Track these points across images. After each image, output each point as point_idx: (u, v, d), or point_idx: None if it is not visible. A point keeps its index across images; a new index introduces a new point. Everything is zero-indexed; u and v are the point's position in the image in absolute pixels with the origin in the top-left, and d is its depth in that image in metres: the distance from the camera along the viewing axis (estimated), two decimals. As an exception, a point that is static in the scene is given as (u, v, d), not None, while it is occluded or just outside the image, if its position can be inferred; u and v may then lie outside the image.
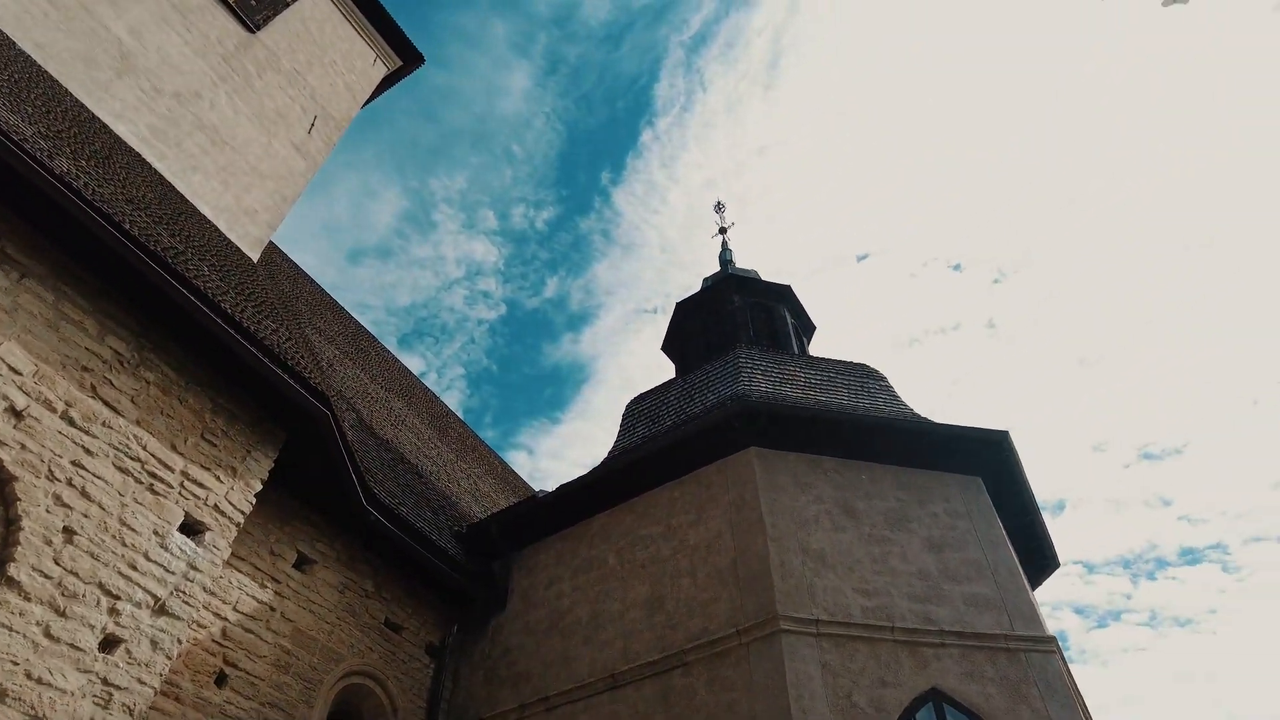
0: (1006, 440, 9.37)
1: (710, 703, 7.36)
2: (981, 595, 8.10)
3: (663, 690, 7.75)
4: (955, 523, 8.73)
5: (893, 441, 9.22)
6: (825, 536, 8.33)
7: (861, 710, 6.98)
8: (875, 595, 7.89)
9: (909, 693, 7.22)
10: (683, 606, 8.28)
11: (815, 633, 7.40)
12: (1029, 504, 10.20)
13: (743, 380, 10.61)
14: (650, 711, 7.69)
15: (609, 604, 8.89)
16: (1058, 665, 7.83)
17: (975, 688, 7.36)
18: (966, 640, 7.66)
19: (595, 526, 9.80)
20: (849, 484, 8.89)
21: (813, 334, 15.12)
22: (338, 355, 13.05)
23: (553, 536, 10.13)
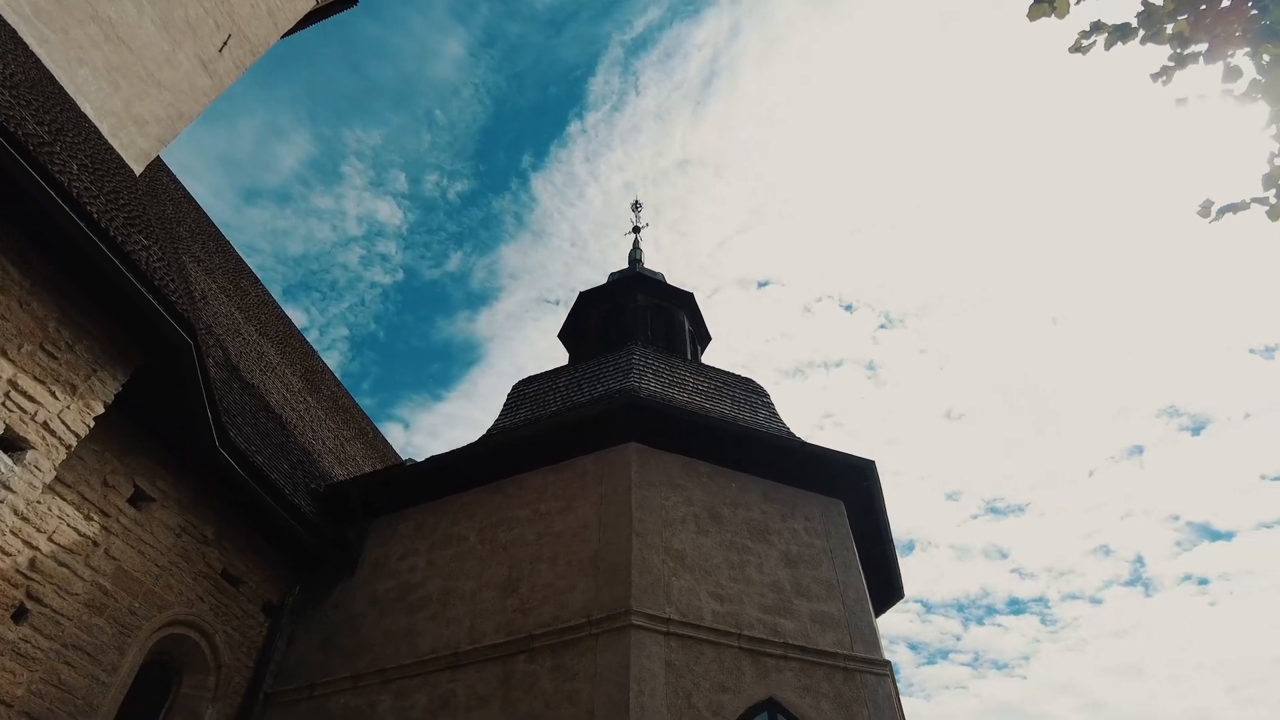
0: (872, 469, 9.75)
1: (550, 690, 7.29)
2: (828, 614, 8.38)
3: (505, 674, 7.63)
4: (814, 541, 9.01)
5: (766, 455, 9.43)
6: (689, 539, 8.42)
7: (699, 712, 7.06)
8: (728, 601, 8.03)
9: (746, 700, 7.37)
10: (538, 592, 8.18)
11: (665, 631, 7.46)
12: (884, 534, 10.65)
13: (634, 377, 10.62)
14: (489, 694, 7.55)
15: (463, 582, 8.69)
16: (889, 689, 8.17)
17: (809, 702, 7.58)
18: (808, 655, 7.89)
19: (461, 503, 9.57)
20: (719, 490, 9.03)
21: (707, 344, 15.35)
22: (214, 290, 12.27)
23: (415, 508, 9.82)
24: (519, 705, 7.31)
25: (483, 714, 7.40)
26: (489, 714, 7.38)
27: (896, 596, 11.61)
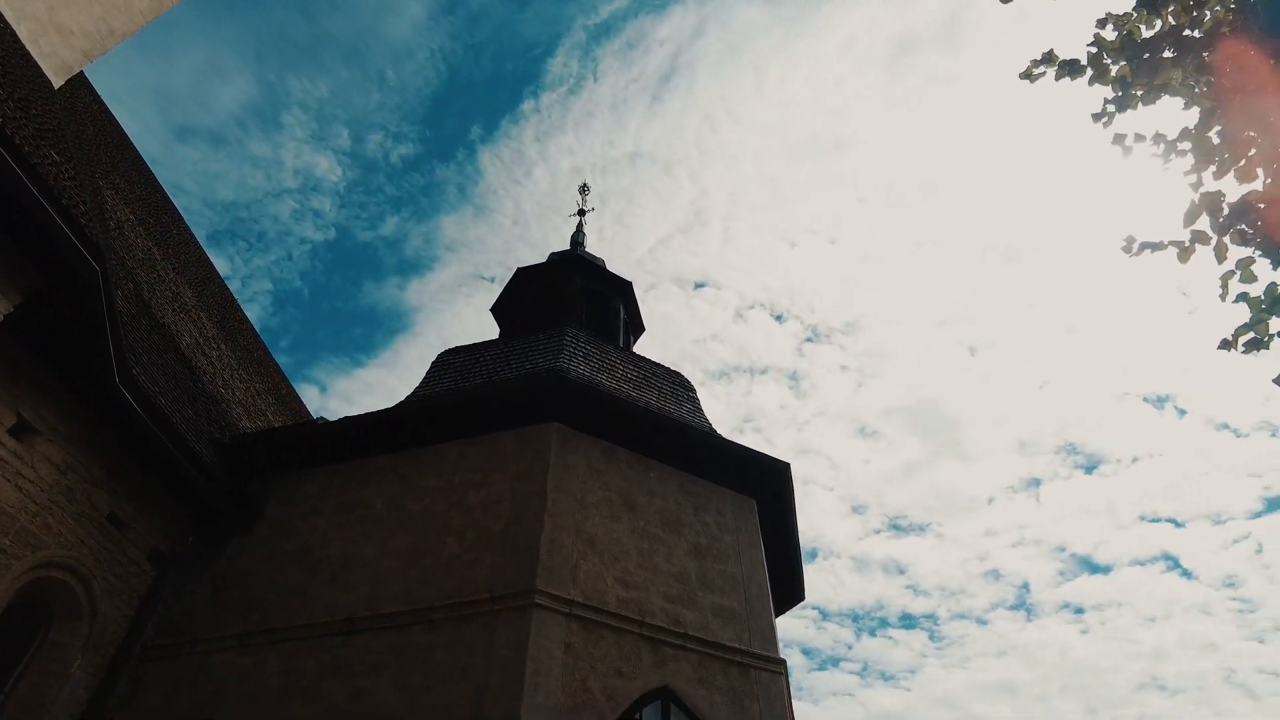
0: (787, 472, 9.92)
1: (446, 663, 7.17)
2: (730, 609, 8.48)
3: (400, 643, 7.46)
4: (723, 536, 9.11)
5: (687, 448, 9.48)
6: (602, 523, 8.40)
7: (593, 696, 7.06)
8: (634, 588, 8.04)
9: (641, 687, 7.40)
10: (442, 564, 8.03)
11: (568, 613, 7.42)
12: (791, 537, 10.86)
13: (564, 358, 10.53)
14: (381, 662, 7.38)
15: (365, 548, 8.46)
16: (781, 687, 8.33)
17: (703, 693, 7.67)
18: (707, 647, 7.97)
19: (372, 467, 9.32)
20: (637, 478, 9.04)
21: (640, 335, 15.36)
22: (131, 221, 11.62)
23: (323, 468, 9.52)
24: (412, 676, 7.17)
25: (373, 682, 7.23)
26: (379, 682, 7.21)
27: (797, 599, 11.84)
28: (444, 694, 6.93)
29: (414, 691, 7.04)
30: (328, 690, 7.28)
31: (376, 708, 7.02)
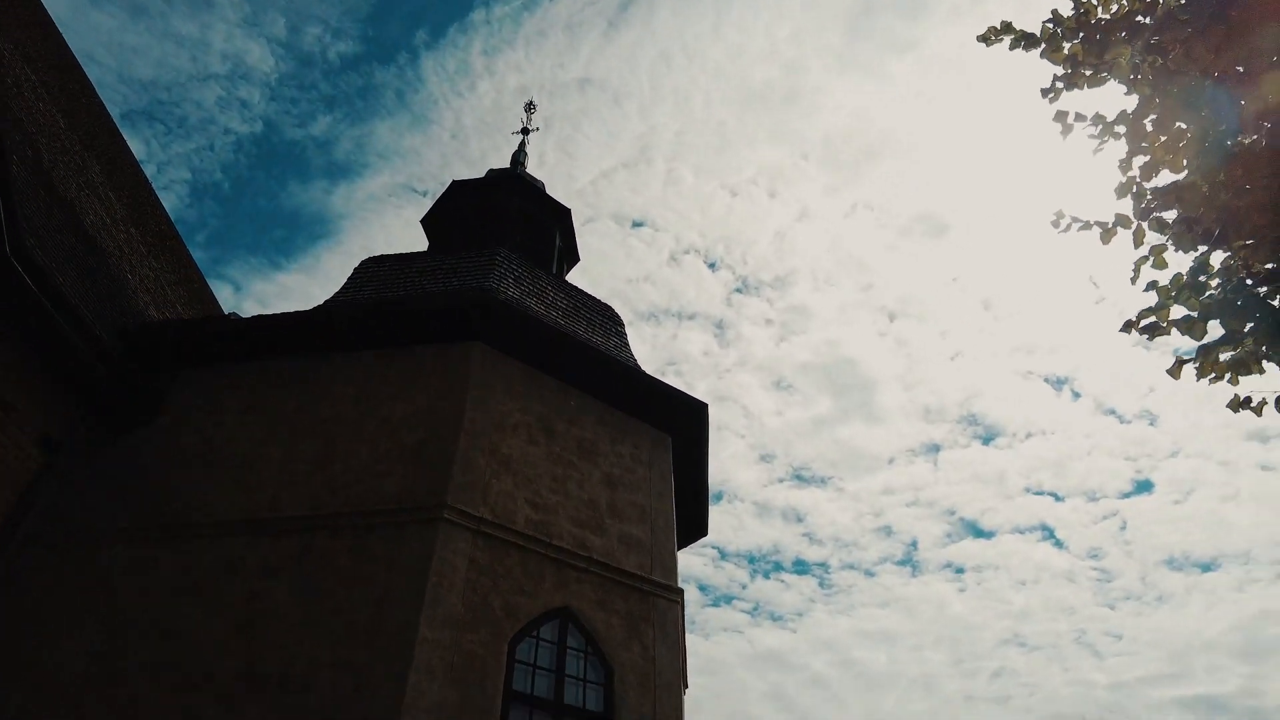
0: (704, 412, 10.11)
1: (347, 570, 7.13)
2: (635, 537, 8.69)
3: (302, 547, 7.38)
4: (636, 468, 9.27)
5: (610, 380, 9.53)
6: (518, 446, 8.41)
7: (493, 610, 7.17)
8: (544, 511, 8.13)
9: (542, 606, 7.56)
10: (353, 472, 7.93)
11: (475, 529, 7.46)
12: (702, 476, 11.13)
13: (494, 278, 10.35)
14: (281, 565, 7.29)
15: (272, 450, 8.27)
16: (676, 616, 8.64)
17: (602, 615, 7.89)
18: (610, 573, 8.17)
19: (288, 370, 9.05)
20: (557, 405, 9.06)
21: (574, 265, 15.21)
22: (33, 82, 10.71)
23: (234, 365, 9.20)
24: (311, 580, 7.12)
25: (270, 584, 7.15)
26: (277, 584, 7.14)
27: (700, 535, 12.23)
28: (343, 601, 6.92)
29: (313, 597, 7.01)
30: (224, 591, 7.17)
31: (273, 611, 6.96)
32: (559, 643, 7.49)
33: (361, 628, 6.73)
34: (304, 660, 6.61)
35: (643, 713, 7.55)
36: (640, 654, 7.90)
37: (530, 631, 7.37)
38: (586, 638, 7.67)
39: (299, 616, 6.90)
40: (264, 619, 6.93)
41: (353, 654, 6.58)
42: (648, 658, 7.92)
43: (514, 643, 7.17)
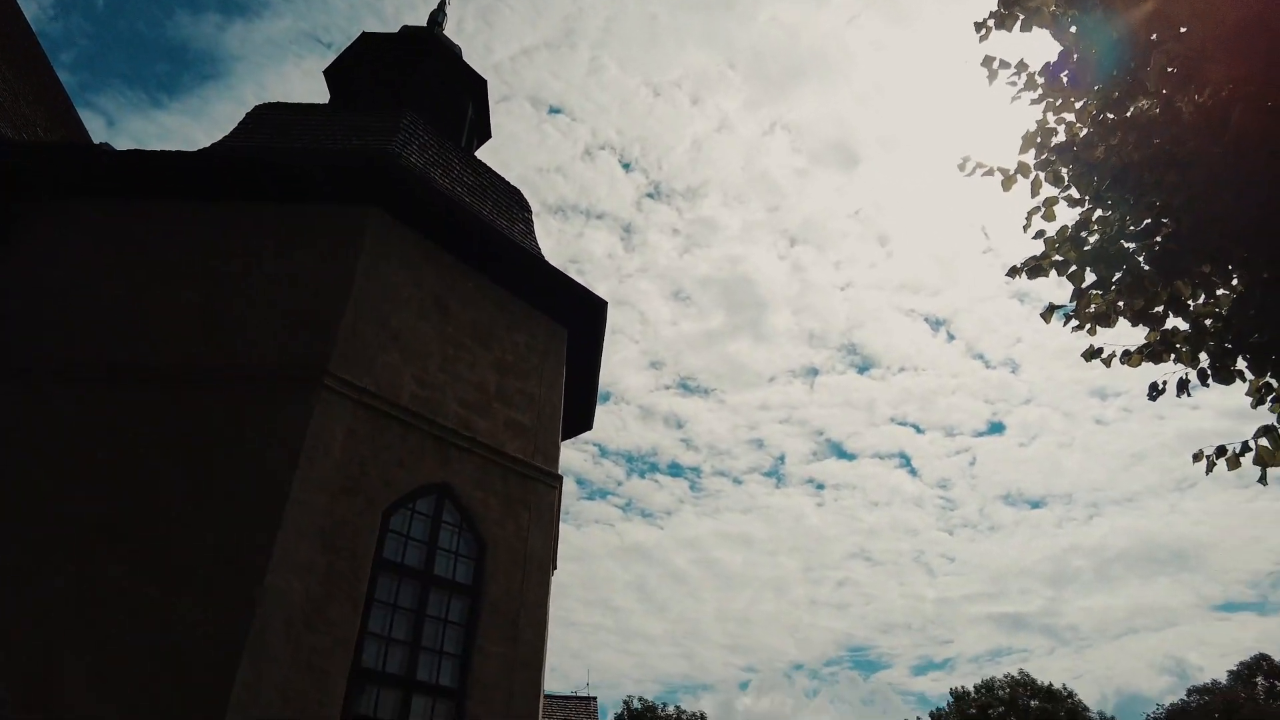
0: (603, 310, 10.14)
1: (221, 428, 6.89)
2: (522, 424, 8.77)
3: (173, 401, 7.05)
4: (529, 357, 9.27)
5: (511, 265, 9.35)
6: (409, 321, 8.22)
7: (370, 479, 7.15)
8: (430, 388, 8.06)
9: (420, 479, 7.59)
10: (232, 329, 7.55)
11: (357, 399, 7.33)
12: (593, 372, 11.28)
13: (398, 142, 9.81)
14: (153, 418, 6.94)
15: (148, 297, 7.73)
16: (553, 501, 8.88)
17: (480, 494, 8.01)
18: (492, 455, 8.26)
19: (166, 214, 8.38)
20: (454, 284, 8.85)
21: (484, 141, 14.60)
22: None
23: (107, 201, 8.42)
24: (180, 435, 6.84)
25: (135, 435, 6.84)
26: (142, 435, 6.84)
27: (585, 429, 12.49)
28: (217, 458, 6.72)
29: (185, 452, 6.76)
30: (88, 440, 6.80)
31: (143, 463, 6.68)
32: (434, 517, 7.58)
33: (233, 486, 6.58)
34: (168, 515, 6.43)
35: (511, 588, 7.82)
36: (514, 534, 8.11)
37: (406, 504, 7.42)
38: (462, 514, 7.80)
39: (165, 470, 6.67)
40: (127, 470, 6.65)
41: (222, 511, 6.45)
42: (521, 538, 8.15)
43: (388, 513, 7.21)
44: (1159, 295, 4.05)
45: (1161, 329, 4.43)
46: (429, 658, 7.01)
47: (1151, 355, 4.53)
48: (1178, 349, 4.45)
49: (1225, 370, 4.22)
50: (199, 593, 6.06)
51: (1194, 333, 4.37)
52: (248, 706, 5.67)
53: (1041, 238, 4.73)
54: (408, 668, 6.82)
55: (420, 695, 6.82)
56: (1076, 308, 4.25)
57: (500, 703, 7.25)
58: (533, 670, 7.63)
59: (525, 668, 7.58)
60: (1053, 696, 50.48)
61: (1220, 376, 4.24)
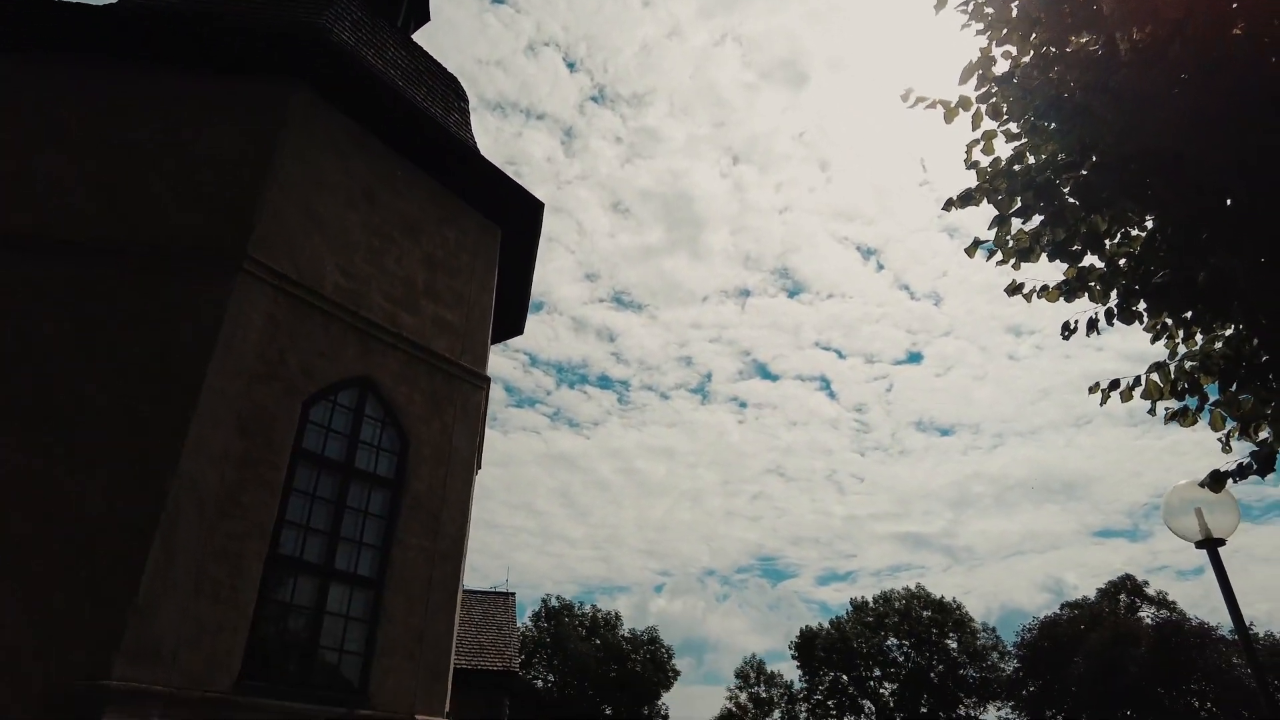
0: (540, 211, 9.94)
1: (131, 308, 6.56)
2: (450, 322, 8.65)
3: (80, 277, 6.64)
4: (460, 254, 9.07)
5: (444, 156, 9.03)
6: (335, 209, 7.90)
7: (289, 368, 6.98)
8: (356, 280, 7.83)
9: (343, 373, 7.45)
10: (145, 206, 7.12)
11: (277, 286, 7.07)
12: (526, 275, 11.14)
13: (329, 17, 9.18)
14: (52, 293, 6.54)
15: (45, 161, 7.18)
16: (480, 402, 8.87)
17: (404, 390, 7.93)
18: (418, 351, 8.15)
19: (65, 70, 7.72)
20: (384, 173, 8.51)
21: (421, 24, 13.80)
22: None
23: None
24: (86, 313, 6.49)
25: (37, 312, 6.44)
26: (45, 313, 6.45)
27: (515, 333, 12.41)
28: (124, 339, 6.43)
29: (87, 331, 6.44)
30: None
31: (39, 341, 6.33)
32: (356, 410, 7.50)
33: (143, 369, 6.33)
34: (73, 396, 6.16)
35: (433, 485, 7.87)
36: (439, 431, 8.11)
37: (327, 395, 7.30)
38: (386, 409, 7.73)
39: (70, 350, 6.35)
40: (27, 349, 6.31)
41: (131, 394, 6.22)
42: (446, 436, 8.16)
43: (309, 403, 7.09)
44: (1078, 228, 4.20)
45: (1079, 266, 4.61)
46: (348, 548, 7.05)
47: (1068, 292, 4.72)
48: (1091, 287, 4.65)
49: (1128, 310, 4.45)
50: (108, 478, 5.88)
51: (1108, 271, 4.57)
52: (159, 593, 5.63)
53: (975, 168, 4.81)
54: (326, 557, 6.85)
55: (338, 584, 6.88)
56: (997, 235, 4.37)
57: (419, 594, 7.39)
58: (452, 563, 7.77)
59: (445, 561, 7.71)
60: (943, 608, 54.44)
61: (1123, 316, 4.46)
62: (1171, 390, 4.40)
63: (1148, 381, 4.36)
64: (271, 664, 6.28)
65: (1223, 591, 4.94)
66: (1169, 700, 44.09)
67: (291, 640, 6.48)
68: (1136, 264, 4.37)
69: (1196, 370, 4.42)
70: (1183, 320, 4.36)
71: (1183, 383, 4.39)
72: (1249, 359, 4.18)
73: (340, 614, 6.83)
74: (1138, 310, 4.42)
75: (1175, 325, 4.47)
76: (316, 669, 6.54)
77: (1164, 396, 4.41)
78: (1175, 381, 4.41)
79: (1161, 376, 4.39)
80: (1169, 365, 4.40)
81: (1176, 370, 4.38)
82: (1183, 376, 4.40)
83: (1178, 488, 5.02)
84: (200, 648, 5.76)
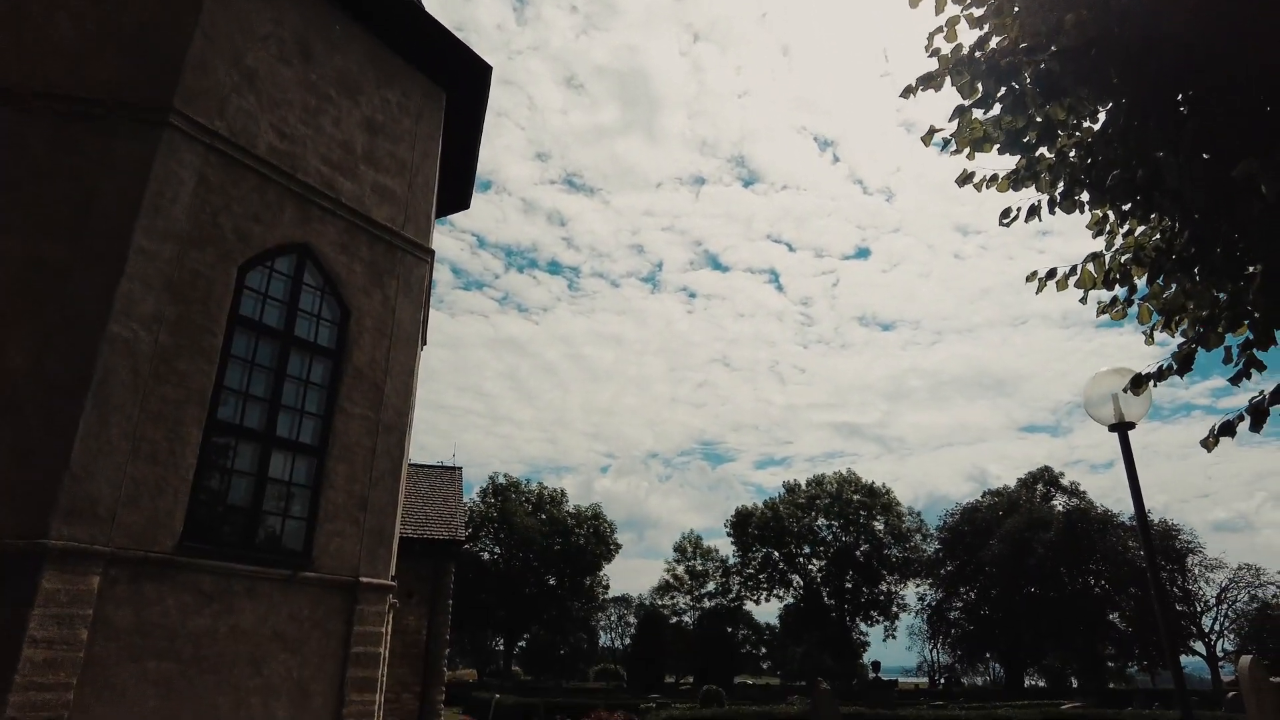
0: (487, 75, 9.47)
1: (45, 161, 6.14)
2: (391, 190, 8.34)
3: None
4: (402, 119, 8.65)
5: (385, 9, 8.45)
6: (268, 62, 7.39)
7: (223, 232, 6.70)
8: (291, 141, 7.44)
9: (280, 238, 7.18)
10: (57, 51, 6.52)
11: (208, 144, 6.68)
12: (473, 145, 10.72)
13: None
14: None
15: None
16: (423, 275, 8.69)
17: (344, 260, 7.71)
18: (358, 219, 7.87)
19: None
20: (320, 26, 7.94)
21: None
22: None
23: None
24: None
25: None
26: (-56, 156, 6.00)
27: (461, 207, 12.07)
28: (39, 194, 6.04)
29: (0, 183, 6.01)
30: None
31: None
32: (294, 278, 7.28)
33: (66, 227, 6.00)
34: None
35: (376, 356, 7.79)
36: (381, 303, 7.96)
37: (264, 261, 7.05)
38: (325, 278, 7.52)
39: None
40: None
41: (55, 253, 5.90)
42: (388, 308, 8.02)
43: (244, 269, 6.85)
44: (1035, 116, 4.19)
45: (1030, 155, 4.61)
46: (290, 416, 7.00)
47: (1016, 182, 4.74)
48: (1039, 176, 4.67)
49: (1071, 200, 4.50)
50: (32, 336, 5.66)
51: (1057, 162, 4.59)
52: (94, 453, 5.54)
53: (936, 55, 4.69)
54: (267, 424, 6.80)
55: (281, 450, 6.86)
56: (959, 126, 4.32)
57: (362, 462, 7.43)
58: (396, 434, 7.80)
59: (389, 432, 7.73)
60: (873, 493, 57.37)
61: (1065, 206, 4.52)
62: (1104, 281, 4.53)
63: (1083, 271, 4.47)
64: (214, 527, 6.32)
65: (1127, 471, 5.28)
66: (1069, 578, 47.96)
67: (234, 504, 6.50)
68: (1085, 155, 4.39)
69: (1130, 263, 4.54)
70: (1122, 213, 4.44)
71: (1115, 274, 4.52)
72: (1179, 252, 4.31)
73: (283, 480, 6.86)
74: (1080, 200, 4.48)
75: (1117, 219, 4.56)
76: (260, 533, 6.61)
77: (1097, 286, 4.54)
78: (1109, 273, 4.54)
79: (1096, 267, 4.50)
80: (1104, 255, 4.51)
81: (1111, 261, 4.50)
82: (1116, 268, 4.53)
83: (1099, 374, 5.27)
84: (140, 508, 5.75)
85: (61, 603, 5.24)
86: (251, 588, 6.36)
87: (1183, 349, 4.18)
